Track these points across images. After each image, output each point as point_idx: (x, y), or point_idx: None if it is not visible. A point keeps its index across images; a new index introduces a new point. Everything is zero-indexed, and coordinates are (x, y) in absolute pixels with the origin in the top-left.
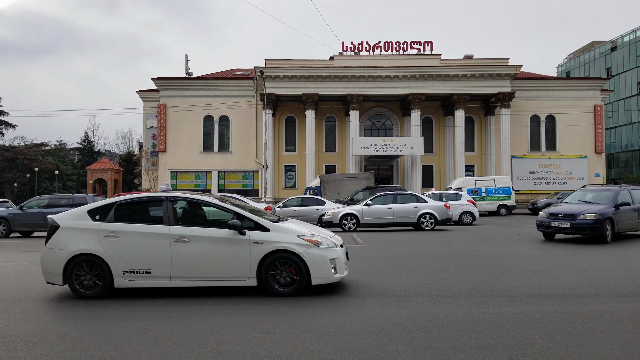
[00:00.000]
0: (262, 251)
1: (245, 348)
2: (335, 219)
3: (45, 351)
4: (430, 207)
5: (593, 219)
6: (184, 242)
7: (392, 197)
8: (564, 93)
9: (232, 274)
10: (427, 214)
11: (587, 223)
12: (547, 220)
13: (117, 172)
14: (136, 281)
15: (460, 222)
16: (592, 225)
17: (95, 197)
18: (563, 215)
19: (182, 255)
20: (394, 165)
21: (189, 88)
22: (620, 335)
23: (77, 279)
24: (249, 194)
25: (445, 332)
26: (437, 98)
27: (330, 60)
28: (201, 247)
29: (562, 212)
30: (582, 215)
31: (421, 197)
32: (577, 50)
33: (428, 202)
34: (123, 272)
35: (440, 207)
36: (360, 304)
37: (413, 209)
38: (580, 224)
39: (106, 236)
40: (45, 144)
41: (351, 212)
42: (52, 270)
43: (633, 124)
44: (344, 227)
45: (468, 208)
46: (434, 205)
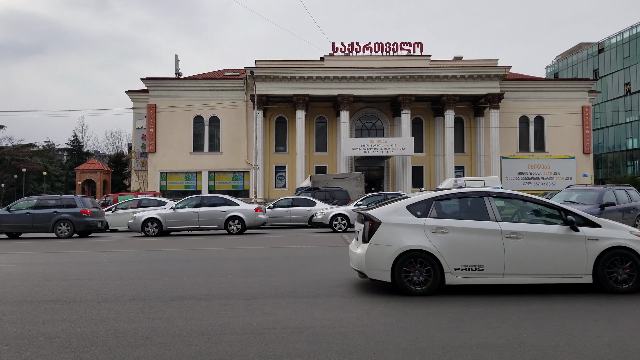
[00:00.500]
0: (598, 248)
1: (235, 349)
2: (326, 219)
3: (32, 354)
4: None
5: None
6: (516, 238)
7: (383, 198)
8: (552, 94)
9: (566, 271)
10: None
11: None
12: None
13: (106, 173)
14: (468, 278)
15: None
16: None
17: (83, 198)
18: None
19: (514, 251)
20: (385, 166)
21: (179, 88)
22: (606, 334)
23: (407, 276)
24: (239, 194)
25: (434, 331)
26: (427, 99)
27: (321, 61)
28: (534, 244)
29: None
30: None
31: (406, 197)
32: (565, 52)
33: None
34: (454, 269)
35: None
36: (350, 304)
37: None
38: None
39: (434, 232)
40: (34, 145)
41: (342, 213)
42: (379, 267)
43: (620, 124)
44: (335, 227)
45: None
46: None
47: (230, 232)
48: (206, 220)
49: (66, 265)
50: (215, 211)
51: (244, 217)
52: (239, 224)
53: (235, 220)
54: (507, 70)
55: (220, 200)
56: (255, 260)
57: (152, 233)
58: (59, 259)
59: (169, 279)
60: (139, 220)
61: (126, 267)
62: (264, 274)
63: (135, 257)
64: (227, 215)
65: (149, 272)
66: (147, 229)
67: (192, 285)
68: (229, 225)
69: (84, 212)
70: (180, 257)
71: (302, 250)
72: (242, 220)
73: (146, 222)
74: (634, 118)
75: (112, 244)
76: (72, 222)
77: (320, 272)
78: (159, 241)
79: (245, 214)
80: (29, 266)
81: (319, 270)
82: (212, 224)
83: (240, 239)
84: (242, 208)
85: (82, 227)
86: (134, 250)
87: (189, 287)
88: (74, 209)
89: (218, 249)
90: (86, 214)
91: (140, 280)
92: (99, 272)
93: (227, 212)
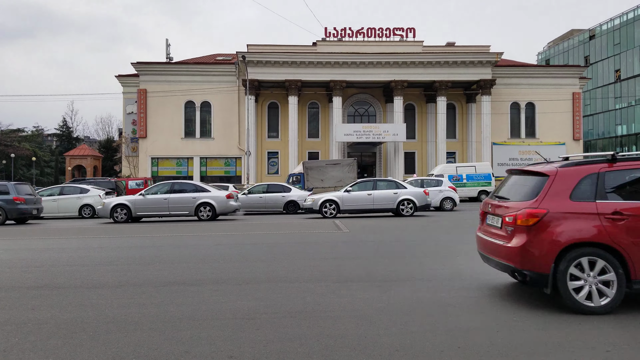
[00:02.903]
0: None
1: (227, 334)
2: (316, 205)
3: (21, 339)
4: (410, 193)
5: None
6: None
7: (372, 184)
8: (543, 80)
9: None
10: (407, 200)
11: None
12: None
13: (96, 158)
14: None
15: (442, 208)
16: None
17: (18, 184)
18: None
19: None
20: (377, 152)
21: (170, 73)
22: (591, 319)
23: None
24: (231, 180)
25: (425, 315)
26: (420, 85)
27: (313, 46)
28: None
29: None
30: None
31: (401, 184)
32: (557, 39)
33: (407, 188)
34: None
35: (420, 194)
36: (342, 288)
37: (393, 195)
38: None
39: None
40: (22, 130)
41: (331, 199)
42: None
43: (610, 111)
44: (325, 213)
45: (449, 194)
46: (413, 191)
47: (201, 219)
48: (176, 207)
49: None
50: (186, 197)
51: (214, 203)
52: (209, 211)
53: (206, 207)
54: (499, 57)
55: (191, 187)
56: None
57: (121, 219)
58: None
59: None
60: (108, 206)
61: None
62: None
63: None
64: (198, 202)
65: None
66: (116, 215)
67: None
68: (199, 212)
69: (17, 200)
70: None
71: (296, 237)
72: (213, 207)
73: (115, 207)
74: (623, 105)
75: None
76: (4, 209)
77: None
78: (118, 228)
79: (216, 200)
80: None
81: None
82: (182, 210)
83: (211, 225)
84: (212, 195)
85: (15, 215)
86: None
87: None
88: (7, 196)
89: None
90: (19, 201)
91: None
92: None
93: (198, 199)
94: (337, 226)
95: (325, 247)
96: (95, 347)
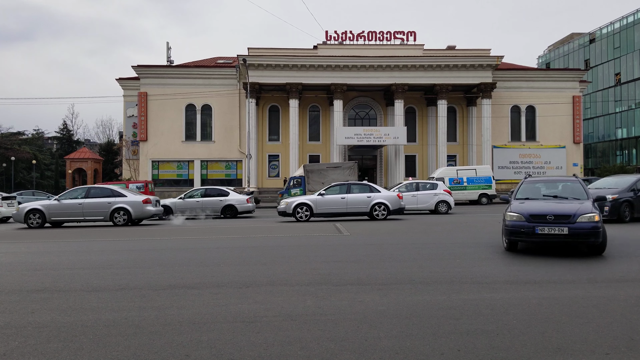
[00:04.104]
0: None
1: (227, 337)
2: (289, 208)
3: (21, 343)
4: (383, 197)
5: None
6: None
7: (347, 187)
8: (543, 84)
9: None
10: (380, 204)
11: (594, 226)
12: (528, 226)
13: (97, 161)
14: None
15: (437, 211)
16: (595, 230)
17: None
18: (554, 216)
19: None
20: (378, 155)
21: (171, 76)
22: (594, 320)
23: None
24: (232, 183)
25: (425, 318)
26: (420, 88)
27: (314, 50)
28: None
29: (549, 211)
30: (583, 216)
31: (375, 188)
32: (557, 42)
33: (381, 192)
34: None
35: (393, 197)
36: (343, 291)
37: (366, 198)
38: (582, 229)
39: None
40: (22, 133)
41: (305, 202)
42: None
43: (610, 114)
44: (297, 217)
45: (444, 197)
46: (386, 195)
47: (116, 224)
48: (91, 212)
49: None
50: (101, 202)
51: (130, 208)
52: (124, 216)
53: (121, 212)
54: (499, 60)
55: (107, 192)
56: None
57: (35, 225)
58: None
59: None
60: (22, 211)
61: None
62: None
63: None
64: (113, 207)
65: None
66: (30, 220)
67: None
68: (114, 217)
69: None
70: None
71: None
72: (129, 212)
73: (29, 213)
74: (623, 108)
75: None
76: None
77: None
78: (34, 234)
79: (132, 205)
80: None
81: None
82: (97, 215)
83: (122, 231)
84: (128, 200)
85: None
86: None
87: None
88: None
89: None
90: None
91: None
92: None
93: (113, 204)
94: (338, 229)
95: (327, 249)
96: (96, 351)
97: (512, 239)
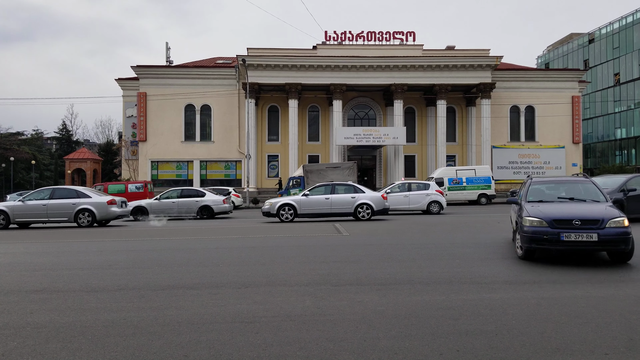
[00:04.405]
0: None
1: (225, 338)
2: (273, 209)
3: (19, 344)
4: (368, 197)
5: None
6: None
7: (331, 188)
8: (543, 84)
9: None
10: (364, 204)
11: (624, 232)
12: (552, 232)
13: (96, 161)
14: None
15: (429, 211)
16: (626, 236)
17: None
18: (580, 221)
19: None
20: (377, 155)
21: (170, 76)
22: (593, 320)
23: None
24: (231, 184)
25: (424, 318)
26: (420, 88)
27: (314, 50)
28: None
29: (575, 215)
30: (612, 220)
31: (359, 188)
32: (556, 42)
33: (366, 192)
34: None
35: (377, 198)
36: (342, 292)
37: (350, 199)
38: (612, 235)
39: None
40: (22, 133)
41: (289, 202)
42: None
43: (609, 114)
44: (282, 217)
45: (436, 198)
46: (371, 196)
47: (80, 225)
48: (55, 213)
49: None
50: (65, 204)
51: (94, 209)
52: (89, 217)
53: (85, 213)
54: (498, 60)
55: (72, 193)
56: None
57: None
58: None
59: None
60: (275, 205)
61: None
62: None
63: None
64: (77, 208)
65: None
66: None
67: None
68: (79, 218)
69: None
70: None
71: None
72: (93, 213)
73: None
74: (622, 108)
75: None
76: None
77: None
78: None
79: (96, 206)
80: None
81: None
82: (61, 216)
83: (84, 232)
84: (92, 201)
85: None
86: None
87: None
88: None
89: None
90: None
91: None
92: None
93: (77, 205)
94: (338, 230)
95: (326, 250)
96: (94, 351)
97: (533, 247)
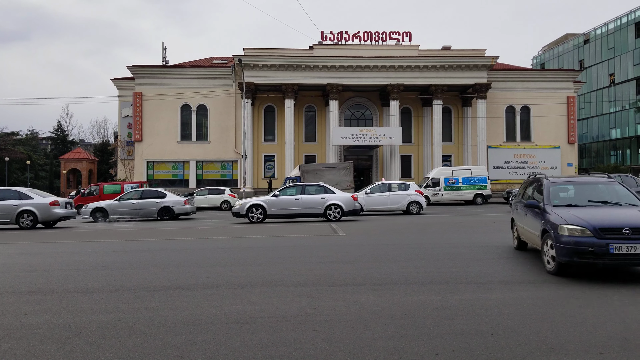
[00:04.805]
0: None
1: (221, 339)
2: (242, 209)
3: (13, 345)
4: (337, 198)
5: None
6: None
7: (301, 188)
8: (538, 84)
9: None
10: (334, 205)
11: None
12: (600, 244)
13: (91, 162)
14: None
15: (408, 212)
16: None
17: None
18: (631, 229)
19: None
20: (373, 155)
21: (166, 76)
22: (589, 320)
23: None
24: (228, 184)
25: (420, 319)
26: (416, 88)
27: (310, 50)
28: None
29: (624, 223)
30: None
31: (330, 189)
32: (552, 43)
33: (336, 193)
34: None
35: (347, 199)
36: (337, 292)
37: (320, 199)
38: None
39: None
40: (16, 133)
41: (258, 203)
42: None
43: (604, 115)
44: (251, 218)
45: (415, 198)
46: (341, 196)
47: (23, 227)
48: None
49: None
50: (6, 205)
51: (36, 211)
52: (30, 218)
53: (27, 215)
54: (494, 61)
55: (14, 194)
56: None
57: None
58: None
59: None
60: (244, 206)
61: None
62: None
63: None
64: (19, 210)
65: None
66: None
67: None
68: (20, 220)
69: None
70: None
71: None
72: (35, 215)
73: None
74: (617, 108)
75: None
76: None
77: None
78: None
79: (38, 208)
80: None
81: None
82: (2, 218)
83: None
84: (34, 202)
85: None
86: None
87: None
88: None
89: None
90: None
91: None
92: None
93: (19, 206)
94: (334, 230)
95: (323, 250)
96: (89, 352)
97: (575, 261)
